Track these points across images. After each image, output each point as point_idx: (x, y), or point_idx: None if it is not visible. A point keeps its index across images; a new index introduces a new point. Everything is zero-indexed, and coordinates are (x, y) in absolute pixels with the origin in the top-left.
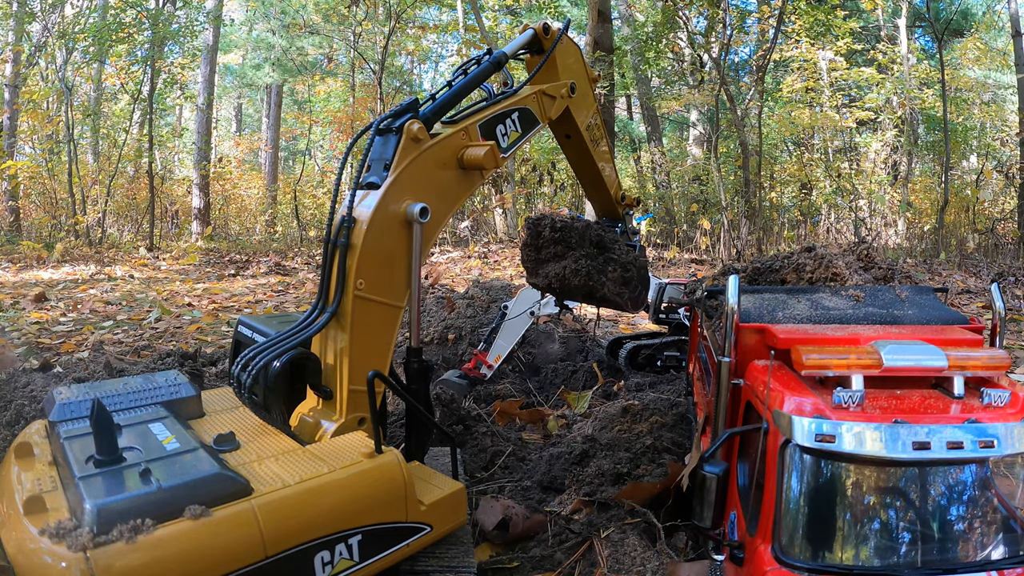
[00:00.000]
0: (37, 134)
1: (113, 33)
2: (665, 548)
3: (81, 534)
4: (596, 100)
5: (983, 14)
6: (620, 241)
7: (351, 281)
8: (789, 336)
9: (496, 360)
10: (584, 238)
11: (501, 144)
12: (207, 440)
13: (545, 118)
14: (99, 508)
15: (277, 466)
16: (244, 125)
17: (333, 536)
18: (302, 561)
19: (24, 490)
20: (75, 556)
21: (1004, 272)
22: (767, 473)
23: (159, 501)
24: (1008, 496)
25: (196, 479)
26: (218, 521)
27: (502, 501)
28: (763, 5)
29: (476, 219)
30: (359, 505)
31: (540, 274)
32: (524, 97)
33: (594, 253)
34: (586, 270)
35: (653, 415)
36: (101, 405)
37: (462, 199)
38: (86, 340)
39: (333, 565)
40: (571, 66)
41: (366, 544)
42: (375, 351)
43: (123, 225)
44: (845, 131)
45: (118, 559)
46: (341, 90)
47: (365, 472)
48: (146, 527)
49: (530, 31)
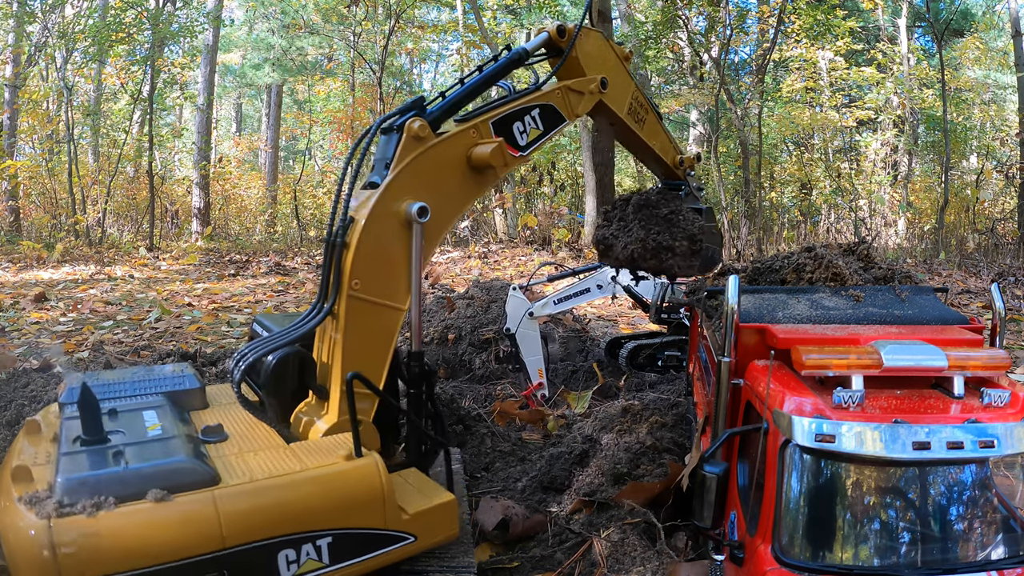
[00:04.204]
0: (37, 134)
1: (113, 33)
2: (665, 548)
3: (49, 504)
4: (633, 78)
5: (983, 14)
6: (683, 209)
7: (346, 281)
8: (789, 336)
9: (540, 374)
10: (650, 214)
11: (519, 142)
12: (198, 430)
13: (572, 115)
14: (66, 482)
15: (254, 460)
16: (244, 125)
17: (299, 535)
18: (264, 557)
19: (19, 461)
20: (40, 523)
21: (1004, 272)
22: (767, 473)
23: (124, 481)
24: (1008, 496)
25: (162, 464)
26: (177, 507)
27: (502, 501)
28: (763, 5)
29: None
30: (330, 506)
31: (611, 256)
32: (547, 93)
33: (660, 229)
34: (653, 249)
35: (653, 415)
36: (87, 390)
37: (471, 199)
38: (86, 340)
39: (299, 564)
40: (598, 60)
41: (337, 547)
42: (371, 353)
43: (123, 225)
44: (845, 131)
45: (77, 530)
46: (341, 90)
47: (339, 474)
48: (108, 504)
49: (544, 35)
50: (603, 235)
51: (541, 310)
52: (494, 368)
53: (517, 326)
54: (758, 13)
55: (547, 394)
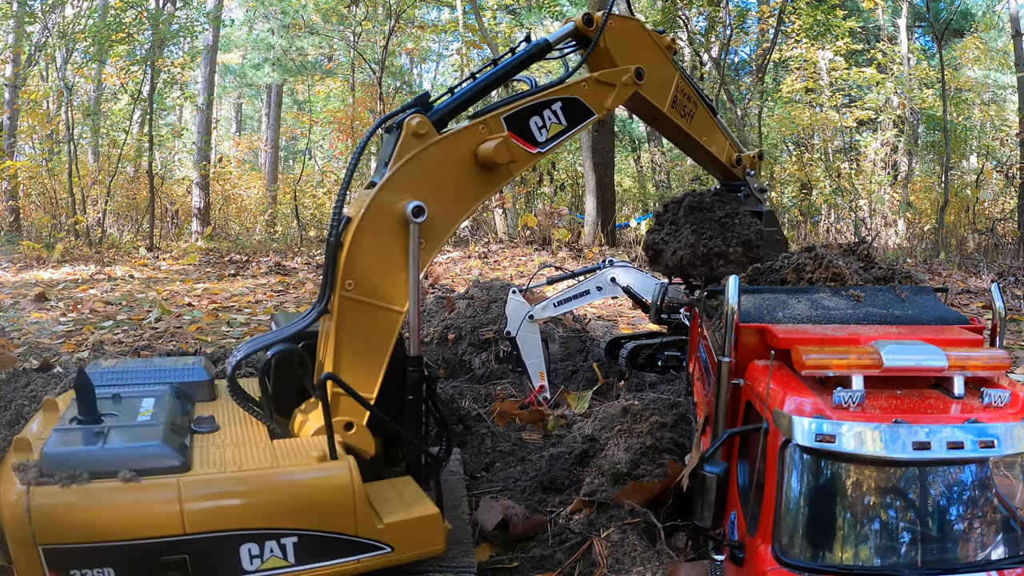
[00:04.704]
0: (37, 134)
1: (113, 33)
2: (665, 548)
3: (31, 472)
4: (677, 68)
5: (983, 14)
6: (740, 212)
7: (339, 281)
8: (789, 336)
9: (542, 377)
10: (703, 218)
11: (537, 138)
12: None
13: (602, 108)
14: (48, 455)
15: (232, 453)
16: (244, 125)
17: (262, 531)
18: (225, 547)
19: (25, 434)
20: (21, 489)
21: (1004, 272)
22: (767, 473)
23: (99, 460)
24: (1008, 496)
25: (135, 448)
26: (144, 489)
27: (502, 501)
28: (763, 5)
29: (476, 219)
30: (295, 506)
31: (660, 263)
32: (571, 85)
33: (713, 234)
34: (703, 255)
35: (653, 415)
36: (83, 374)
37: (479, 199)
38: (86, 340)
39: (262, 559)
40: (632, 50)
41: (302, 548)
42: (366, 356)
43: (123, 225)
44: (845, 131)
45: (51, 498)
46: (341, 90)
47: (307, 474)
48: (81, 478)
49: (569, 24)
50: (652, 240)
51: (541, 313)
52: (494, 368)
53: (517, 329)
54: (758, 13)
55: (549, 396)
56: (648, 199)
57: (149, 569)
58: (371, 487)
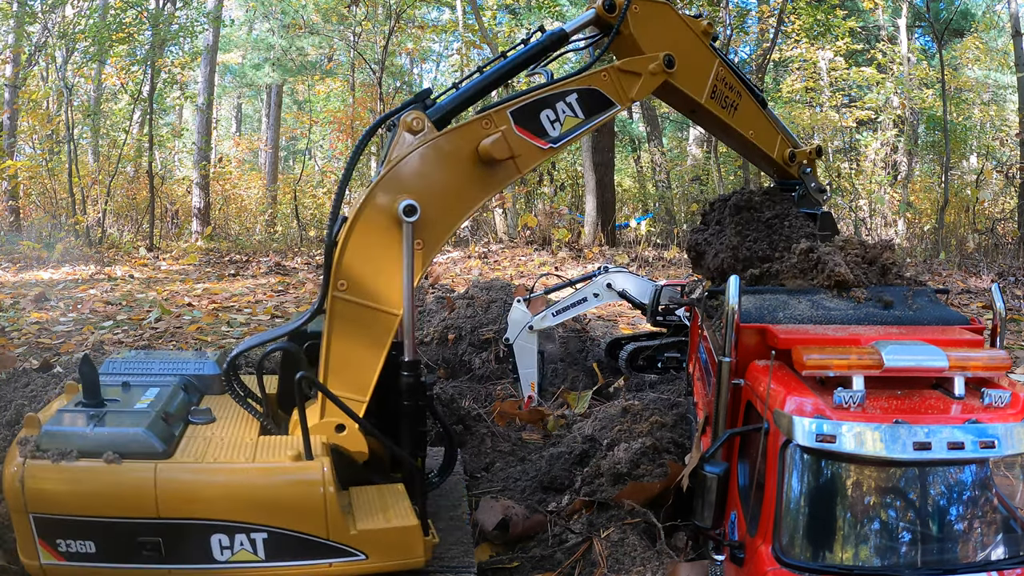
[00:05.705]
0: (37, 134)
1: (113, 33)
2: (665, 548)
3: (29, 447)
4: (717, 55)
5: (983, 14)
6: (791, 213)
7: (332, 281)
8: (790, 336)
9: (532, 388)
10: (749, 218)
11: (549, 132)
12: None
13: (625, 99)
14: (46, 432)
15: (216, 446)
16: (244, 125)
17: (232, 523)
18: (196, 535)
19: (36, 413)
20: (19, 460)
21: (1004, 272)
22: (767, 473)
23: (88, 440)
24: (1008, 496)
25: (120, 432)
26: (123, 471)
27: (502, 501)
28: (763, 5)
29: (476, 219)
30: (264, 503)
31: (702, 265)
32: (589, 76)
33: (759, 236)
34: (746, 259)
35: (653, 415)
36: (88, 360)
37: (482, 197)
38: (86, 340)
39: (232, 551)
40: (661, 36)
41: (272, 545)
42: (359, 358)
43: (123, 225)
44: (845, 131)
45: (43, 471)
46: (341, 90)
47: (279, 473)
48: (70, 455)
49: (590, 12)
50: (695, 240)
51: (540, 323)
52: (494, 368)
53: (516, 338)
54: (758, 13)
55: (537, 403)
56: (648, 199)
57: (127, 547)
58: (357, 492)
